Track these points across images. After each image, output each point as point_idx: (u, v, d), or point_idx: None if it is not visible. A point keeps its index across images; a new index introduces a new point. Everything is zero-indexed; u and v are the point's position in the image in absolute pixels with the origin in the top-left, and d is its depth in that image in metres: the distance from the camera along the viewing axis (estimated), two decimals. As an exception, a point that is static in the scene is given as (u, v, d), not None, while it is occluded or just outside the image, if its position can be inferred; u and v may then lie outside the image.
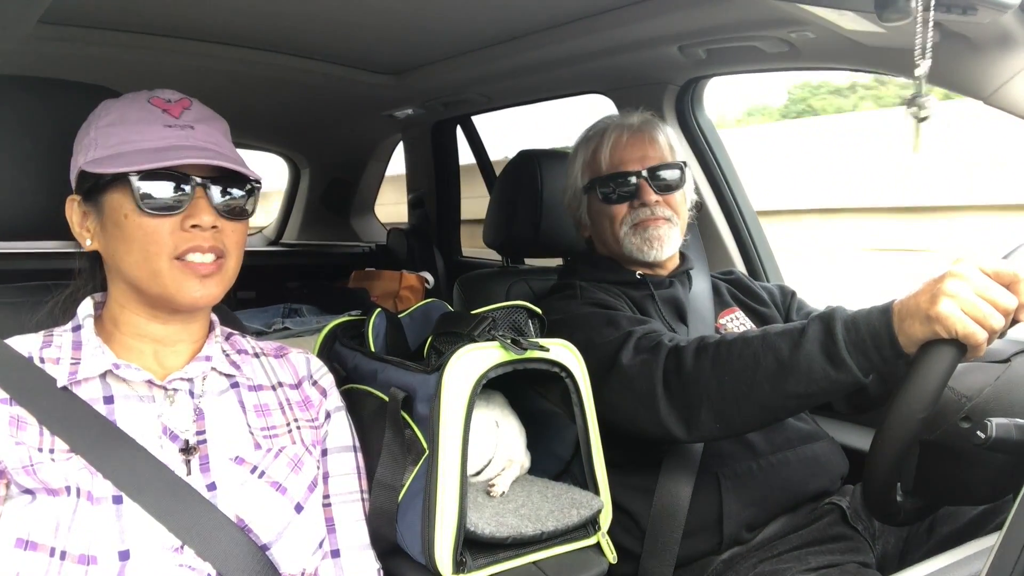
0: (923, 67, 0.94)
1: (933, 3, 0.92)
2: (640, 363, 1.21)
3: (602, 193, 1.51)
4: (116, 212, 0.91)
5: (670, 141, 1.55)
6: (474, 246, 2.97)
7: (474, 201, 3.09)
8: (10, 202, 1.02)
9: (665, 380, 1.17)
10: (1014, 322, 0.95)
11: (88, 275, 1.02)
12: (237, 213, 0.94)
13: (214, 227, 0.91)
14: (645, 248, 1.48)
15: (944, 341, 0.93)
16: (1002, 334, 0.95)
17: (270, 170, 3.58)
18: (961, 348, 0.93)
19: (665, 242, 1.49)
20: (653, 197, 1.48)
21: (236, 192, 0.94)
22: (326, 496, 1.03)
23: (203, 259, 0.91)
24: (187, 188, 0.90)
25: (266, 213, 3.92)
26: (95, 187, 0.92)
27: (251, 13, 1.73)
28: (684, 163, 1.55)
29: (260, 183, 0.96)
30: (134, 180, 0.88)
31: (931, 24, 0.93)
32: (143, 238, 0.89)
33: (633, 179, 1.49)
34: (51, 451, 0.86)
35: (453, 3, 1.66)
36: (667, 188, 1.50)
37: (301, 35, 1.92)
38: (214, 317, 1.04)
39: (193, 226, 0.90)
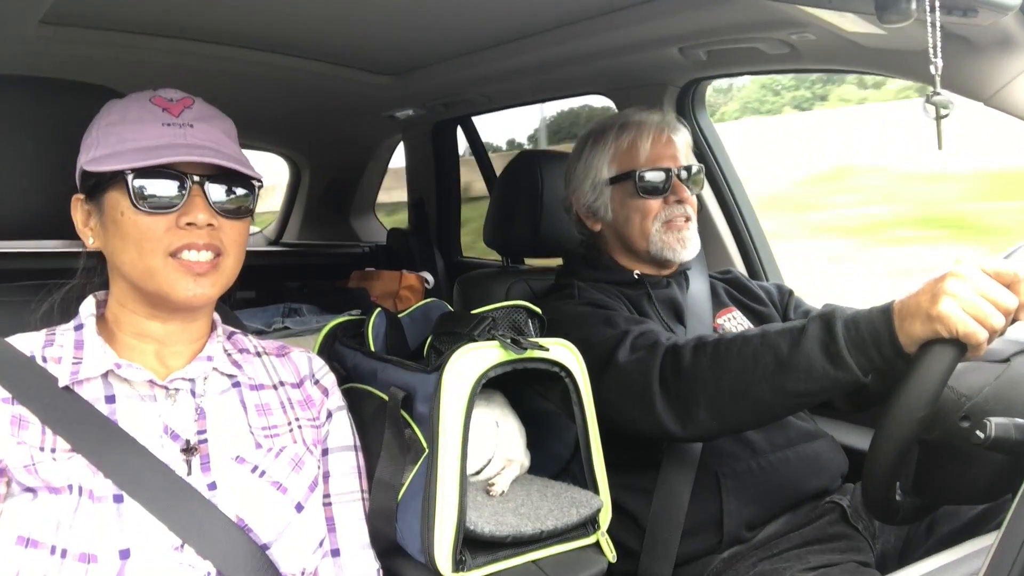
0: (937, 65, 0.94)
1: (934, 5, 0.92)
2: (636, 360, 1.21)
3: (641, 186, 1.49)
4: (114, 210, 0.91)
5: (688, 143, 1.57)
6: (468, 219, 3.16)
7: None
8: (10, 202, 1.03)
9: (662, 377, 1.17)
10: (1014, 321, 0.96)
11: (90, 273, 1.02)
12: (236, 212, 0.94)
13: (210, 225, 0.91)
14: (678, 247, 1.49)
15: (944, 340, 0.93)
16: (1001, 332, 0.95)
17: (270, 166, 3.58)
18: (961, 348, 0.93)
19: (694, 242, 1.51)
20: (687, 194, 1.50)
21: (235, 191, 0.94)
22: (326, 495, 1.03)
23: (198, 257, 0.91)
24: (182, 186, 0.90)
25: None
26: (96, 186, 0.93)
27: (252, 13, 1.73)
28: (703, 166, 1.57)
29: (261, 182, 0.96)
30: (129, 178, 0.88)
31: (938, 24, 0.93)
32: (138, 235, 0.90)
33: (671, 176, 1.50)
34: (52, 450, 0.86)
35: (454, 4, 1.66)
36: (693, 189, 1.53)
37: (302, 35, 1.92)
38: (216, 316, 1.04)
39: (188, 224, 0.90)
